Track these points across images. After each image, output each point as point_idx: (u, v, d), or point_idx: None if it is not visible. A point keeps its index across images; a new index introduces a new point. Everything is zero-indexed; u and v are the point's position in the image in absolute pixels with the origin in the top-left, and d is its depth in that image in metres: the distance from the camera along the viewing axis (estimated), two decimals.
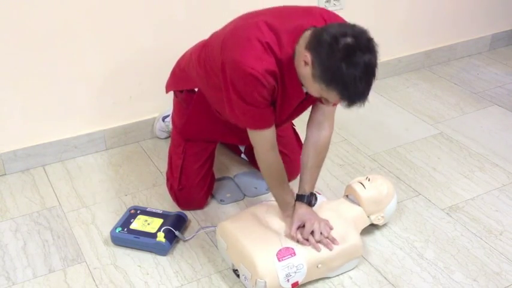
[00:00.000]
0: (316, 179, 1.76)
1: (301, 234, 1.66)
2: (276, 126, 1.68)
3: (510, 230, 1.90)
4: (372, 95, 1.93)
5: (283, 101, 1.61)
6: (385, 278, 1.71)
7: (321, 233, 1.65)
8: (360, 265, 1.74)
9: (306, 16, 1.55)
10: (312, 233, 1.65)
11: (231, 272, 1.72)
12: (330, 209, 1.77)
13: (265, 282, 1.56)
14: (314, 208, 1.73)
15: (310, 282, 1.67)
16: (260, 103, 1.55)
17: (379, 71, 3.12)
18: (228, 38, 1.57)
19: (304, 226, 1.66)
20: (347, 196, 1.86)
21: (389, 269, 1.74)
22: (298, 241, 1.64)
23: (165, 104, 2.35)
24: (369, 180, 1.83)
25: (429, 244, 1.84)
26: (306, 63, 1.44)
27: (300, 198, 1.72)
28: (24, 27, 1.96)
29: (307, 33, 1.47)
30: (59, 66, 2.08)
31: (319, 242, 1.65)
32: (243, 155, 2.24)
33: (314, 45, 1.42)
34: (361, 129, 2.47)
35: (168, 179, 2.00)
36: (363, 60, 1.37)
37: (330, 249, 1.64)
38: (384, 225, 1.90)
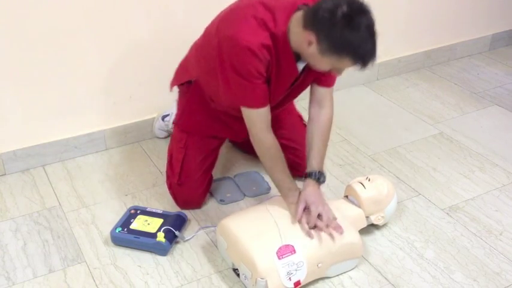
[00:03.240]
0: (323, 158, 1.79)
1: (308, 221, 1.66)
2: (274, 109, 1.73)
3: (510, 230, 1.90)
4: (372, 95, 1.94)
5: (278, 77, 1.65)
6: (385, 278, 1.71)
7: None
8: (360, 265, 1.74)
9: None
10: (320, 216, 1.67)
11: (231, 271, 1.72)
12: (331, 206, 1.77)
13: (266, 281, 1.56)
14: None
15: (309, 283, 1.67)
16: (255, 78, 1.59)
17: (379, 72, 3.14)
18: (224, 19, 1.65)
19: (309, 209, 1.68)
20: (347, 197, 1.86)
21: (389, 269, 1.74)
22: (304, 230, 1.65)
23: (165, 103, 2.35)
24: (368, 180, 1.83)
25: (429, 244, 1.84)
26: (310, 42, 1.51)
27: (308, 175, 1.74)
28: (24, 27, 1.96)
29: (299, 14, 1.55)
30: (59, 66, 2.08)
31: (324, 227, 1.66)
32: None
33: (314, 24, 1.49)
34: (361, 129, 2.47)
35: (167, 177, 2.00)
36: (362, 22, 1.46)
37: (340, 233, 1.64)
38: (384, 225, 1.90)
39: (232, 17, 1.62)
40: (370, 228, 1.87)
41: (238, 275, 1.68)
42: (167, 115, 2.31)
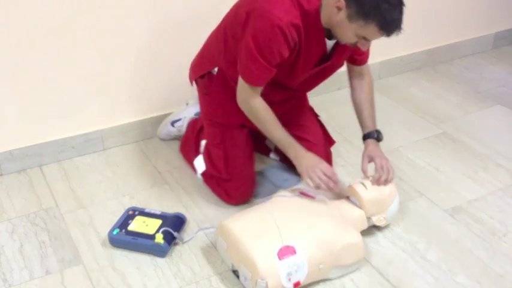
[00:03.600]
0: (375, 118, 1.91)
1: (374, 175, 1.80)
2: (302, 90, 1.92)
3: None
4: (374, 94, 1.95)
5: (305, 55, 1.70)
6: (387, 280, 1.69)
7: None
8: (362, 267, 1.72)
9: None
10: (382, 168, 1.81)
11: (230, 273, 1.70)
12: (331, 208, 1.76)
13: (266, 282, 1.54)
14: (316, 204, 1.75)
15: (310, 285, 1.65)
16: (273, 59, 1.64)
17: (381, 71, 3.11)
18: None
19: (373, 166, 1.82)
20: (348, 198, 1.84)
21: (391, 271, 1.72)
22: (367, 176, 1.80)
23: (164, 103, 2.34)
24: (371, 180, 1.81)
25: (432, 246, 1.82)
26: (339, 8, 1.57)
27: (367, 136, 1.88)
28: (22, 27, 1.94)
29: None
30: (56, 65, 2.06)
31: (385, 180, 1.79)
32: (272, 155, 2.23)
33: None
34: None
35: (209, 177, 1.99)
36: None
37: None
38: (386, 226, 1.88)
39: None
40: (372, 229, 1.85)
41: (237, 276, 1.66)
42: (177, 120, 2.28)
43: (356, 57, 1.87)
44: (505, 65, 3.08)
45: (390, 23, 1.55)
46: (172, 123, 2.29)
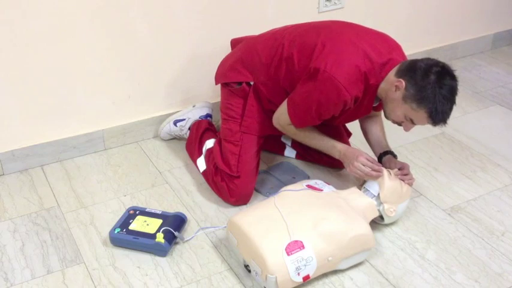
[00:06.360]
0: (386, 141, 2.01)
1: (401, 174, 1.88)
2: (332, 125, 2.02)
3: None
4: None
5: (352, 112, 1.83)
6: (386, 279, 1.70)
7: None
8: (361, 266, 1.73)
9: (394, 51, 1.80)
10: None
11: (231, 273, 1.71)
12: (340, 197, 1.78)
13: (276, 277, 1.56)
14: (324, 196, 1.79)
15: (310, 283, 1.66)
16: (324, 117, 1.79)
17: None
18: (326, 49, 1.73)
19: (400, 169, 1.90)
20: (362, 186, 1.87)
21: (390, 270, 1.73)
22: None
23: (164, 103, 2.34)
24: (395, 173, 1.86)
25: (430, 245, 1.83)
26: (397, 88, 1.68)
27: (385, 153, 1.97)
28: (22, 27, 1.95)
29: (397, 66, 1.73)
30: (57, 65, 2.07)
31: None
32: (286, 151, 2.26)
33: (408, 72, 1.67)
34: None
35: (215, 172, 2.01)
36: (451, 84, 1.65)
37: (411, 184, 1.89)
38: (385, 226, 1.89)
39: (335, 54, 1.72)
40: (371, 228, 1.85)
41: (249, 271, 1.68)
42: (181, 120, 2.29)
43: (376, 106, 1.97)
44: (504, 65, 3.08)
45: (440, 114, 1.65)
46: (175, 123, 2.30)
